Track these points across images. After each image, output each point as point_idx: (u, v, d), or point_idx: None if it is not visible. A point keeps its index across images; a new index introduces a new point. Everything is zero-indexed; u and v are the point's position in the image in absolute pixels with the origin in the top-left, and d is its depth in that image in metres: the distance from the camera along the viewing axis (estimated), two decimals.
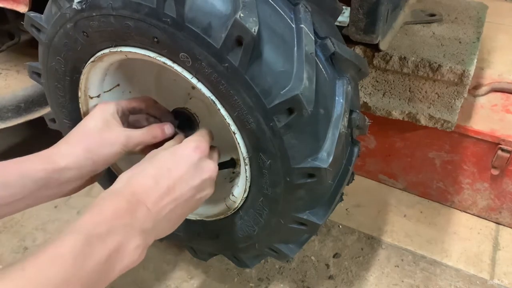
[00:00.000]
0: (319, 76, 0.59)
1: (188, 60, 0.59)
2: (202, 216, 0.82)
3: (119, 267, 0.49)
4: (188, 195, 0.59)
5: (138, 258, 0.51)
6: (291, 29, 0.58)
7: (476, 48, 0.96)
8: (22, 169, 0.59)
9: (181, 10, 0.55)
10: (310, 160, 0.61)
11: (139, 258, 0.52)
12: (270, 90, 0.56)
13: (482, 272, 1.02)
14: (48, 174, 0.60)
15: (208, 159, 0.63)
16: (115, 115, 0.68)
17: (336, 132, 0.62)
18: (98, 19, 0.62)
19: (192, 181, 0.59)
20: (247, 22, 0.52)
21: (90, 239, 0.46)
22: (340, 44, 0.62)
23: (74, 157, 0.62)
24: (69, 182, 0.63)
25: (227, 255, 0.89)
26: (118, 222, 0.50)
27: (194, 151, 0.61)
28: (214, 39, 0.55)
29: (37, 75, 0.80)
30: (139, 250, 0.51)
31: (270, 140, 0.60)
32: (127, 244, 0.50)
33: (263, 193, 0.69)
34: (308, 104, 0.56)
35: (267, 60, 0.56)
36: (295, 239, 0.77)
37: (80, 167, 0.63)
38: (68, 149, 0.63)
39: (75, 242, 0.45)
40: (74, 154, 0.63)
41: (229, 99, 0.59)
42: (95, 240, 0.47)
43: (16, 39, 1.35)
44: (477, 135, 1.02)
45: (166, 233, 0.59)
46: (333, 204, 0.70)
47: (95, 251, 0.46)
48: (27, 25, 0.72)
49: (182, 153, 0.61)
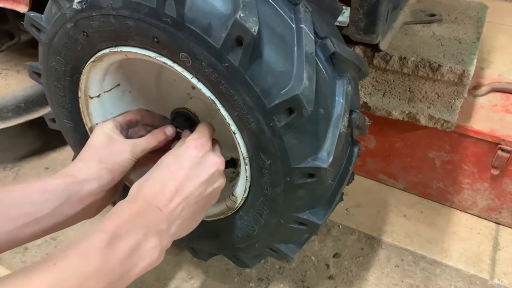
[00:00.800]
0: (319, 76, 0.59)
1: (188, 60, 0.59)
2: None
3: (140, 266, 0.52)
4: (198, 192, 0.61)
5: (158, 258, 0.54)
6: (291, 29, 0.58)
7: (476, 48, 0.96)
8: (43, 184, 0.62)
9: (181, 10, 0.55)
10: (310, 160, 0.61)
11: (158, 258, 0.55)
12: (270, 90, 0.56)
13: (482, 272, 1.02)
14: (68, 187, 0.63)
15: (211, 153, 0.65)
16: (114, 130, 0.71)
17: (336, 132, 0.61)
18: (98, 19, 0.62)
19: (199, 177, 0.61)
20: (247, 22, 0.52)
21: (113, 238, 0.50)
22: (340, 44, 0.62)
23: (90, 169, 0.66)
24: (90, 196, 0.65)
25: (227, 255, 0.89)
26: (134, 224, 0.53)
27: (195, 148, 0.63)
28: (214, 39, 0.55)
29: (37, 75, 0.80)
30: (157, 250, 0.54)
31: (270, 140, 0.60)
32: (145, 244, 0.53)
33: (263, 193, 0.69)
34: (308, 104, 0.56)
35: (267, 60, 0.56)
36: (295, 239, 0.77)
37: (98, 178, 0.65)
38: (82, 164, 0.66)
39: (101, 240, 0.49)
40: (89, 167, 0.66)
41: (229, 99, 0.59)
42: (116, 239, 0.50)
43: (16, 39, 1.35)
44: (477, 135, 1.02)
45: (185, 232, 0.62)
46: (333, 204, 0.70)
47: (117, 249, 0.50)
48: (27, 25, 0.72)
49: (184, 154, 0.63)
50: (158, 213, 0.56)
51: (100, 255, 0.48)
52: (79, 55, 0.69)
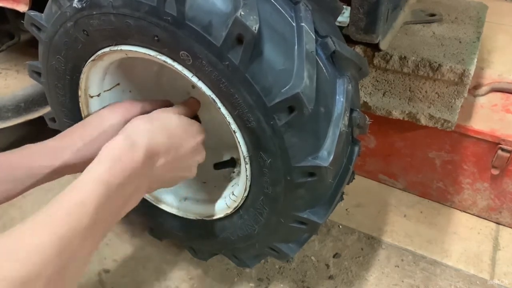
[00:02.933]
0: (319, 74, 0.59)
1: (188, 59, 0.59)
2: (203, 216, 0.82)
3: (129, 208, 0.57)
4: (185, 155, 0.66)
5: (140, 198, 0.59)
6: (292, 27, 0.58)
7: (476, 48, 0.96)
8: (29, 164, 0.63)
9: (182, 9, 0.55)
10: (310, 158, 0.62)
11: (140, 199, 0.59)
12: (271, 88, 0.56)
13: (482, 272, 1.02)
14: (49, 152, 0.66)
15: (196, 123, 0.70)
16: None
17: (337, 130, 0.61)
18: (99, 18, 0.62)
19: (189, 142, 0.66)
20: (248, 20, 0.52)
21: (111, 187, 0.51)
22: (340, 43, 0.62)
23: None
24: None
25: (227, 254, 0.89)
26: (136, 172, 0.55)
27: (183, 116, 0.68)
28: (214, 37, 0.55)
29: (37, 74, 0.80)
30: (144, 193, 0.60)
31: (271, 138, 0.60)
32: (139, 189, 0.57)
33: (264, 192, 0.69)
34: (308, 102, 0.56)
35: (267, 58, 0.56)
36: (295, 239, 0.77)
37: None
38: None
39: (98, 192, 0.49)
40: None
41: (230, 97, 0.59)
42: (115, 188, 0.52)
43: (16, 39, 1.35)
44: (477, 135, 1.02)
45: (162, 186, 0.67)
46: (333, 203, 0.70)
47: (115, 199, 0.52)
48: (27, 24, 0.72)
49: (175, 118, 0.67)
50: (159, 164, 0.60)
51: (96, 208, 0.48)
52: (79, 54, 0.69)
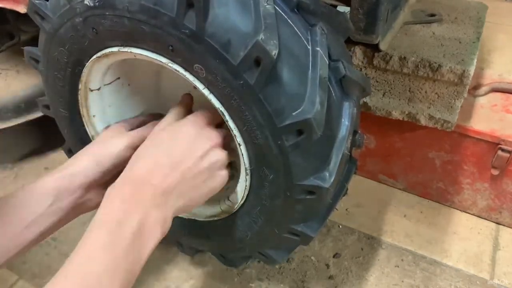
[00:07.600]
0: (329, 98, 0.59)
1: (202, 72, 0.58)
2: (195, 216, 0.82)
3: (148, 244, 0.51)
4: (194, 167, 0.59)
5: (163, 229, 0.54)
6: (307, 51, 0.58)
7: (476, 48, 0.96)
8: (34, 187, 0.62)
9: (202, 24, 0.53)
10: (312, 178, 0.62)
11: (163, 229, 0.54)
12: (283, 110, 0.56)
13: (482, 272, 1.02)
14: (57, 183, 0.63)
15: (208, 128, 0.63)
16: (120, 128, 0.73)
17: (340, 153, 0.62)
18: (111, 19, 0.60)
19: (194, 153, 0.60)
20: (268, 45, 0.52)
21: (111, 228, 0.49)
22: (350, 67, 0.63)
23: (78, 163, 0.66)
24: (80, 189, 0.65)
25: (215, 254, 0.90)
26: (129, 207, 0.52)
27: (192, 125, 0.62)
28: (232, 55, 0.54)
29: (34, 61, 0.77)
30: (160, 222, 0.53)
31: (276, 156, 0.61)
32: (146, 221, 0.52)
33: (261, 203, 0.69)
34: (318, 128, 0.57)
35: (282, 81, 0.56)
36: (286, 247, 0.78)
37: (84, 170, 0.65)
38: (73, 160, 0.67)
39: (98, 236, 0.48)
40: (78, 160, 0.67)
41: (240, 113, 0.59)
42: (115, 227, 0.49)
43: (16, 39, 1.35)
44: (477, 135, 1.02)
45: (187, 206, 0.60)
46: (327, 218, 0.72)
47: (120, 237, 0.49)
48: (31, 11, 0.70)
49: (179, 130, 0.62)
50: (152, 188, 0.54)
51: (103, 252, 0.47)
52: (85, 49, 0.67)
